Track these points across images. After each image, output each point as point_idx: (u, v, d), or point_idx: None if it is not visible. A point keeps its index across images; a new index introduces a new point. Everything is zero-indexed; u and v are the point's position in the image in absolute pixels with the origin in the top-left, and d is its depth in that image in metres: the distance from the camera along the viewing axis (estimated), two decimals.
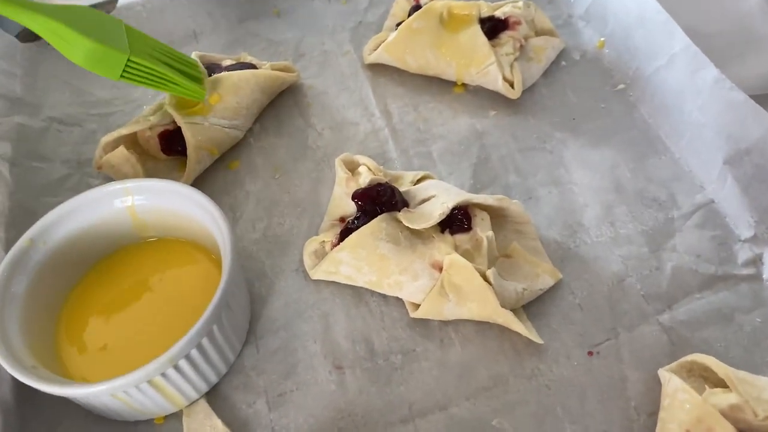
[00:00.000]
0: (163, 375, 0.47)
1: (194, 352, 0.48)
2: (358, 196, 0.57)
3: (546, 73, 0.72)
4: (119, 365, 0.50)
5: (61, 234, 0.54)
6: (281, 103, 0.74)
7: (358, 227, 0.56)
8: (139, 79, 0.61)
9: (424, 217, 0.55)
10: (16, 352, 0.48)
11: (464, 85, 0.72)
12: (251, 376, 0.54)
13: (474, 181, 0.64)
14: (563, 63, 0.73)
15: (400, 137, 0.68)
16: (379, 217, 0.55)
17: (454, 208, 0.55)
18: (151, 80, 0.61)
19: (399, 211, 0.56)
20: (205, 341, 0.48)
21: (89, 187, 0.67)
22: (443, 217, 0.54)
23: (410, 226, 0.54)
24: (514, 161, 0.65)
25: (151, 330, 0.54)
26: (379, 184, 0.57)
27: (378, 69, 0.75)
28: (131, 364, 0.46)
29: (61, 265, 0.55)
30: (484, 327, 0.54)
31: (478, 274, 0.52)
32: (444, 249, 0.53)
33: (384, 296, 0.57)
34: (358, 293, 0.57)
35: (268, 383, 0.53)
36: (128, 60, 0.59)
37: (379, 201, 0.56)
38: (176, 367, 0.47)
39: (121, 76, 0.59)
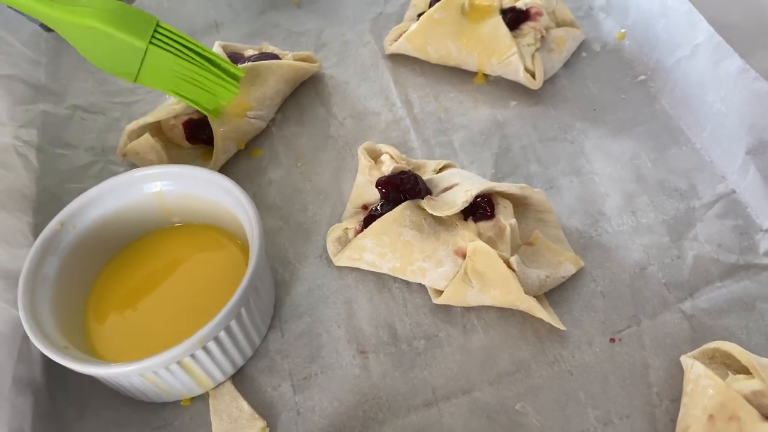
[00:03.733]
0: (192, 356, 0.48)
1: (222, 334, 0.49)
2: (382, 183, 0.57)
3: (566, 64, 0.72)
4: (146, 347, 0.51)
5: (91, 218, 0.55)
6: (303, 92, 0.74)
7: (381, 214, 0.56)
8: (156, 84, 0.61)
9: (448, 205, 0.55)
10: (49, 332, 0.49)
11: (485, 75, 0.72)
12: (276, 360, 0.54)
13: (495, 170, 0.64)
14: (583, 54, 0.73)
15: (422, 127, 0.69)
16: (402, 204, 0.56)
17: (477, 196, 0.55)
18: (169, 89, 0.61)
19: (422, 199, 0.57)
20: (233, 324, 0.49)
21: (113, 174, 0.68)
22: (467, 204, 0.55)
23: (434, 214, 0.55)
24: (535, 151, 0.65)
25: (178, 313, 0.55)
26: (403, 172, 0.58)
27: (398, 59, 0.76)
28: (158, 346, 0.47)
29: (90, 248, 0.55)
30: (506, 313, 0.55)
31: (501, 261, 0.52)
32: (467, 236, 0.54)
33: (407, 283, 0.57)
34: (380, 279, 0.58)
35: (293, 366, 0.54)
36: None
37: (402, 188, 0.57)
38: (205, 349, 0.48)
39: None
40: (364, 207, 0.61)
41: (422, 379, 0.52)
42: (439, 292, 0.55)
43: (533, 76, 0.69)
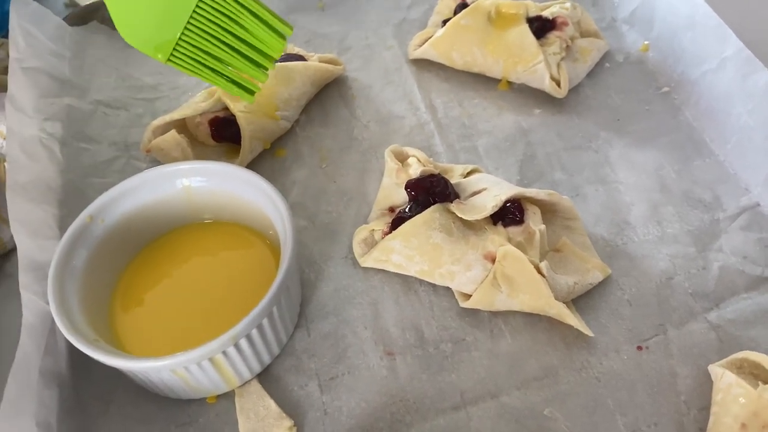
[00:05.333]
0: (224, 353, 0.48)
1: (254, 332, 0.49)
2: (411, 185, 0.58)
3: (590, 74, 0.73)
4: (172, 343, 0.51)
5: (120, 212, 0.55)
6: (326, 94, 0.74)
7: (410, 217, 0.56)
8: (187, 66, 0.58)
9: (477, 209, 0.56)
10: (79, 326, 0.49)
11: (509, 82, 0.73)
12: (302, 359, 0.54)
13: (521, 176, 0.64)
14: (607, 65, 0.74)
15: (446, 131, 0.69)
16: (432, 207, 0.56)
17: (507, 201, 0.56)
18: (199, 72, 0.58)
19: (451, 203, 0.57)
20: (264, 321, 0.49)
21: (136, 169, 0.68)
22: (496, 209, 0.55)
23: (463, 217, 0.55)
24: (560, 159, 0.66)
25: (205, 310, 0.54)
26: (432, 175, 0.58)
27: (422, 64, 0.76)
28: (185, 343, 0.47)
29: (119, 242, 0.55)
30: (533, 319, 0.55)
31: (531, 266, 0.52)
32: (497, 241, 0.54)
33: (433, 286, 0.57)
34: (406, 282, 0.58)
35: (320, 366, 0.54)
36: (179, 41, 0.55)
37: (432, 191, 0.57)
38: (236, 346, 0.48)
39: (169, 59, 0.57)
40: (391, 209, 0.61)
41: (450, 382, 0.52)
42: (467, 296, 0.55)
43: (558, 84, 0.69)
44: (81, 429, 0.51)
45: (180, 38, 0.56)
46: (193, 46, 0.57)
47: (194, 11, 0.55)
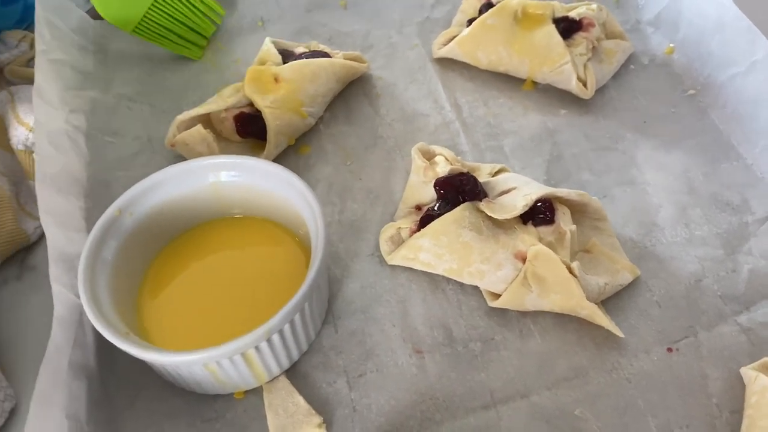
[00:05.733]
0: (257, 348, 0.47)
1: (286, 327, 0.48)
2: (440, 183, 0.57)
3: (615, 76, 0.73)
4: (199, 337, 0.51)
5: (149, 205, 0.55)
6: (350, 92, 0.74)
7: (439, 215, 0.56)
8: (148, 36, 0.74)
9: (507, 208, 0.55)
10: (110, 319, 0.48)
11: (534, 83, 0.72)
12: (330, 356, 0.54)
13: (548, 177, 0.64)
14: (632, 67, 0.74)
15: (471, 130, 0.69)
16: (462, 205, 0.56)
17: (537, 200, 0.55)
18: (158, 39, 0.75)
19: (480, 201, 0.57)
20: (296, 317, 0.49)
21: (161, 164, 0.68)
22: (527, 208, 0.55)
23: (493, 216, 0.55)
24: (587, 160, 0.66)
25: (231, 305, 0.54)
26: (462, 174, 0.58)
27: (446, 64, 0.76)
28: (211, 337, 0.47)
29: (147, 235, 0.55)
30: (562, 319, 0.55)
31: (563, 266, 0.52)
32: (528, 240, 0.54)
33: (461, 285, 0.57)
34: (434, 281, 0.58)
35: (348, 363, 0.53)
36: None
37: (462, 190, 0.57)
38: (269, 341, 0.48)
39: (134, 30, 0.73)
40: (417, 207, 0.61)
41: (479, 381, 0.52)
42: (496, 296, 0.55)
43: (585, 85, 0.69)
44: (108, 422, 0.51)
45: (144, 15, 0.73)
46: (152, 20, 0.74)
47: None
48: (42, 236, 0.65)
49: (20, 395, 0.54)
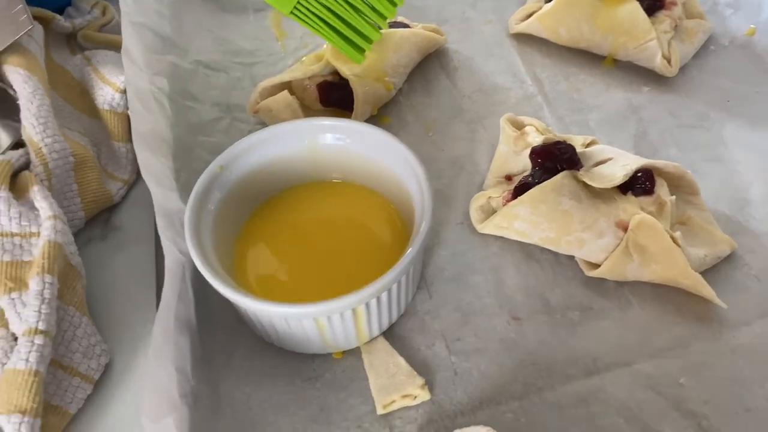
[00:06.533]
0: (367, 305, 0.47)
1: (394, 287, 0.48)
2: (537, 152, 0.57)
3: (695, 56, 0.72)
4: (295, 293, 0.51)
5: (249, 163, 0.55)
6: (427, 65, 0.74)
7: (535, 183, 0.56)
8: (307, 20, 0.61)
9: (607, 178, 0.55)
10: (218, 272, 0.48)
11: (614, 60, 0.72)
12: (426, 320, 0.54)
13: (636, 152, 0.63)
14: (712, 47, 0.73)
15: (555, 105, 0.69)
16: (561, 173, 0.55)
17: (637, 171, 0.55)
18: (318, 27, 0.61)
19: (578, 171, 0.56)
20: (403, 278, 0.48)
21: (241, 130, 0.68)
22: (627, 177, 0.54)
23: (593, 185, 0.55)
24: (673, 136, 0.65)
25: (325, 264, 0.54)
26: (559, 142, 0.58)
27: (523, 39, 0.75)
28: (308, 294, 0.47)
29: (245, 193, 0.55)
30: (660, 290, 0.54)
31: (667, 236, 0.52)
32: (630, 209, 0.54)
33: (555, 254, 0.57)
34: (527, 250, 0.57)
35: (445, 328, 0.53)
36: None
37: (560, 158, 0.56)
38: (378, 299, 0.48)
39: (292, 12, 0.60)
40: (507, 177, 0.61)
41: (581, 348, 0.52)
42: (593, 265, 0.55)
43: (669, 62, 0.69)
44: (208, 379, 0.51)
45: None
46: (316, 1, 0.60)
47: None
48: (124, 197, 0.65)
49: (111, 351, 0.54)
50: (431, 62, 0.74)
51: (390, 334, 0.53)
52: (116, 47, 0.73)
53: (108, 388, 0.53)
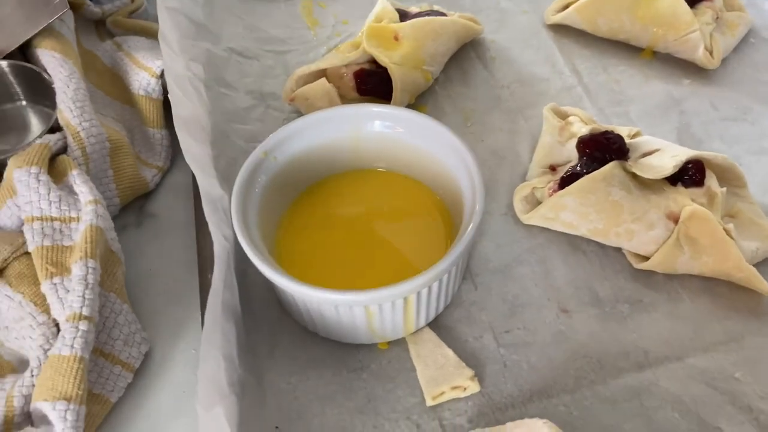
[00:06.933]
0: (418, 294, 0.46)
1: (444, 277, 0.47)
2: (585, 142, 0.56)
3: (736, 49, 0.71)
4: (339, 281, 0.49)
5: (293, 150, 0.54)
6: (463, 55, 0.73)
7: (584, 174, 0.55)
8: None
9: (656, 168, 0.54)
10: (267, 257, 0.47)
11: (653, 52, 0.71)
12: (472, 312, 0.53)
13: (680, 144, 0.62)
14: (752, 40, 0.72)
15: (595, 96, 0.68)
16: (610, 163, 0.54)
17: (687, 162, 0.54)
18: None
19: (626, 161, 0.55)
20: (453, 268, 0.47)
21: (276, 118, 0.67)
22: (677, 168, 0.53)
23: (643, 176, 0.54)
24: (716, 128, 0.64)
25: (372, 257, 0.53)
26: (607, 132, 0.57)
27: (560, 30, 0.74)
28: (352, 282, 0.46)
29: (289, 179, 0.54)
30: (710, 283, 0.53)
31: (720, 228, 0.51)
32: (680, 201, 0.53)
33: (602, 247, 0.56)
34: (573, 242, 0.56)
35: (492, 319, 0.52)
36: None
37: (609, 148, 0.55)
38: (428, 289, 0.47)
39: None
40: (552, 168, 0.60)
41: (632, 341, 0.51)
42: (642, 257, 0.54)
43: (711, 54, 0.68)
44: (253, 369, 0.50)
45: None
46: None
47: None
48: (159, 184, 0.64)
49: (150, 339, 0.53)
50: (467, 52, 0.73)
51: (435, 325, 0.52)
52: (146, 33, 0.72)
53: (147, 377, 0.52)
